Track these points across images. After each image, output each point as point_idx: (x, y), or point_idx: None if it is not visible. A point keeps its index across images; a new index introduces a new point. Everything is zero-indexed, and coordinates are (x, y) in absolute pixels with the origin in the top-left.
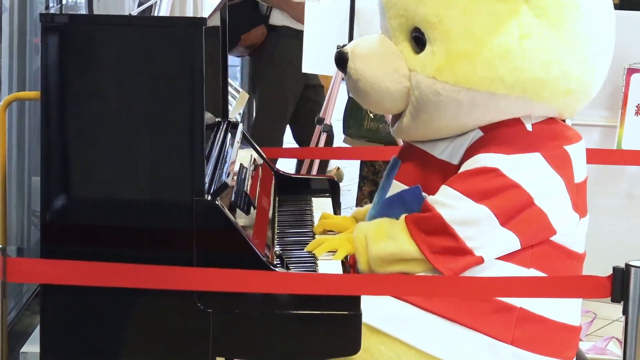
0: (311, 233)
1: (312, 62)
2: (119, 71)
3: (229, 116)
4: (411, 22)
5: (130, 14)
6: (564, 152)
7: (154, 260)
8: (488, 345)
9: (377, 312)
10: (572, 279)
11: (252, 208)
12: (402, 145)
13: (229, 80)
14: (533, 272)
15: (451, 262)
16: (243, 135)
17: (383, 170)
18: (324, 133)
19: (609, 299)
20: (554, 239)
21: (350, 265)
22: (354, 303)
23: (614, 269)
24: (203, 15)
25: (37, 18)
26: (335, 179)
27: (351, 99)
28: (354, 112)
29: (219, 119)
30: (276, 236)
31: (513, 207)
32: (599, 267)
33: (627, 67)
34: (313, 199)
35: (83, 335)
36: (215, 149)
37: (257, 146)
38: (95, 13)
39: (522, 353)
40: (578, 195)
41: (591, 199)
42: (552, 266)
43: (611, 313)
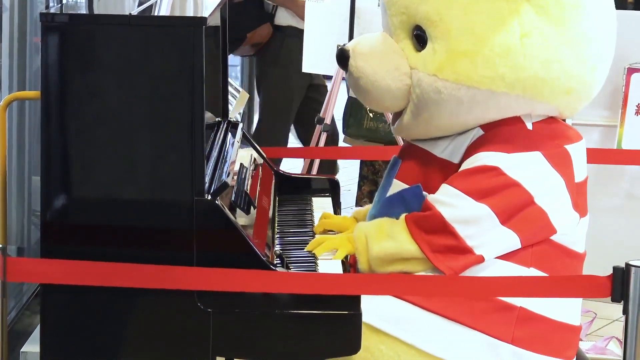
0: (311, 233)
1: (312, 62)
2: (119, 71)
3: (229, 116)
4: (412, 20)
5: (130, 14)
6: (565, 152)
7: (154, 260)
8: (488, 344)
9: (377, 312)
10: (572, 279)
11: (252, 208)
12: (403, 144)
13: (229, 80)
14: (533, 272)
15: (451, 261)
16: (243, 134)
17: (383, 169)
18: (324, 133)
19: (609, 299)
20: (554, 239)
21: (350, 264)
22: (354, 303)
23: (614, 269)
24: (203, 15)
25: (37, 18)
26: (335, 179)
27: (351, 99)
28: (354, 112)
29: (219, 119)
30: (276, 236)
31: (513, 206)
32: (599, 267)
33: (627, 67)
34: (313, 199)
35: (83, 335)
36: (215, 149)
37: (258, 146)
38: (95, 13)
39: (522, 352)
40: (578, 194)
41: (591, 199)
42: (552, 266)
43: (611, 313)
